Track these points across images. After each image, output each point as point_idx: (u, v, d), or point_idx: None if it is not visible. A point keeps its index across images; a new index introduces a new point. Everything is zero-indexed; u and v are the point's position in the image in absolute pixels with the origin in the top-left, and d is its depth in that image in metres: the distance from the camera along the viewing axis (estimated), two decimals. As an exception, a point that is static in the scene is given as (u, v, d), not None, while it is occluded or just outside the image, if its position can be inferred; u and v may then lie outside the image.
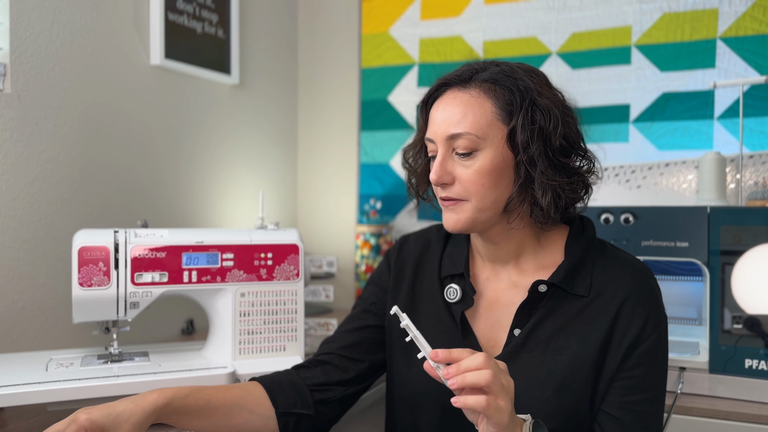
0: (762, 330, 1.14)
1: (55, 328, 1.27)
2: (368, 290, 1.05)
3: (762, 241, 1.15)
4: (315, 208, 2.11)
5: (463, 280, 0.94)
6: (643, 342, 0.85)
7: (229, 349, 1.06)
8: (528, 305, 0.88)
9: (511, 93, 0.84)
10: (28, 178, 1.22)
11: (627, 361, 0.84)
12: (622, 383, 0.84)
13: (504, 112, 0.85)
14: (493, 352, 0.90)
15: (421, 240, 1.03)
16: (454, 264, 0.96)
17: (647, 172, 1.66)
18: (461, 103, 0.86)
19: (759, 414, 1.08)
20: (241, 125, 1.83)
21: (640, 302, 0.86)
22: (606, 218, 1.30)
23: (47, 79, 1.25)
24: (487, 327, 0.92)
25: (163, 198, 1.56)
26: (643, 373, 0.84)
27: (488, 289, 0.94)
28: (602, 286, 0.87)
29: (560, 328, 0.86)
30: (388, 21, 1.99)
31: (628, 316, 0.85)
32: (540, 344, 0.86)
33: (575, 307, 0.87)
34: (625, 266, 0.89)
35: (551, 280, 0.87)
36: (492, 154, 0.84)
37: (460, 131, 0.84)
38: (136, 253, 1.00)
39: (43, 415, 1.01)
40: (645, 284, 0.88)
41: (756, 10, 1.55)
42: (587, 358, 0.84)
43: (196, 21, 1.63)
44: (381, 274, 1.05)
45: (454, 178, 0.86)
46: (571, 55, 1.75)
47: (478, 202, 0.85)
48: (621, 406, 0.84)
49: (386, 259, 1.06)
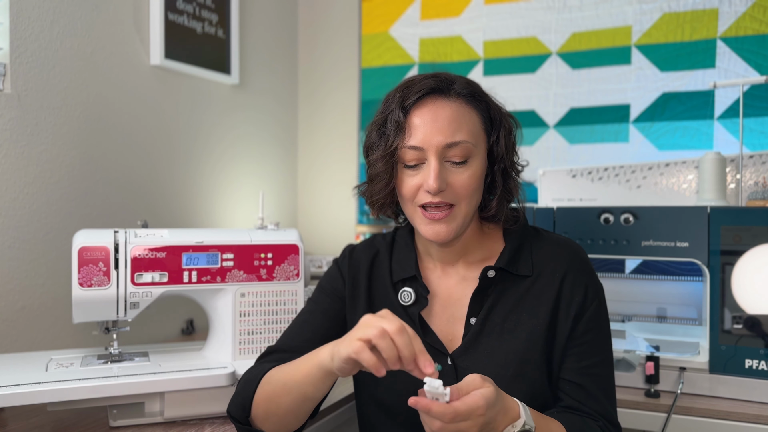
0: (762, 330, 1.14)
1: (55, 328, 1.27)
2: (319, 298, 1.02)
3: (762, 241, 1.15)
4: (315, 208, 2.11)
5: (416, 282, 0.97)
6: (588, 309, 0.92)
7: (229, 349, 1.06)
8: (480, 293, 0.92)
9: (488, 108, 0.92)
10: (28, 178, 1.22)
11: (576, 329, 0.91)
12: (576, 350, 0.91)
13: (486, 125, 0.91)
14: (453, 345, 0.93)
15: (369, 248, 1.04)
16: (403, 268, 0.98)
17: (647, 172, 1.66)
18: (454, 112, 0.88)
19: (759, 414, 1.08)
20: (240, 125, 1.83)
21: (579, 275, 0.93)
22: (606, 218, 1.30)
23: (47, 79, 1.25)
24: (443, 323, 0.95)
25: (163, 198, 1.56)
26: (593, 338, 0.92)
27: (440, 287, 0.97)
28: (543, 264, 0.94)
29: (511, 309, 0.92)
30: (388, 21, 1.99)
31: (570, 288, 0.92)
32: (496, 327, 0.91)
33: (522, 287, 0.93)
34: (559, 245, 0.96)
35: (497, 264, 0.93)
36: (480, 161, 0.90)
37: (458, 140, 0.86)
38: (136, 253, 1.00)
39: (43, 415, 1.01)
40: (580, 258, 0.96)
41: (756, 10, 1.55)
42: (540, 331, 0.90)
43: (196, 21, 1.63)
44: (333, 283, 1.02)
45: (447, 184, 0.87)
46: (571, 55, 1.75)
47: (466, 206, 0.89)
48: (579, 371, 0.90)
49: (336, 269, 1.04)
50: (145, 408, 0.99)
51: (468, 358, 0.90)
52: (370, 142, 0.94)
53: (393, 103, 0.90)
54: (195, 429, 0.98)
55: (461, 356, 0.91)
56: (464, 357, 0.91)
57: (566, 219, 1.33)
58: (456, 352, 0.91)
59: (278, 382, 0.87)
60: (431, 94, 0.88)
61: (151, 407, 0.99)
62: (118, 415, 0.99)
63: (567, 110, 1.76)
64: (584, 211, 1.31)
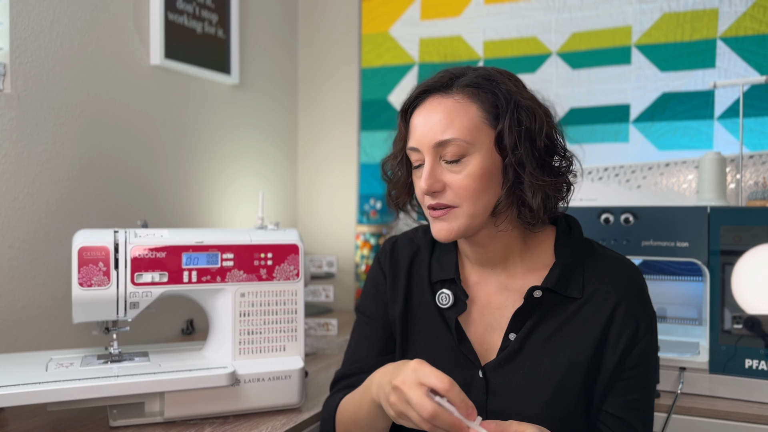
0: (762, 330, 1.14)
1: (55, 328, 1.27)
2: (372, 304, 1.03)
3: (762, 241, 1.15)
4: (315, 208, 2.11)
5: (455, 285, 0.93)
6: (639, 343, 0.86)
7: (229, 349, 1.06)
8: (524, 311, 0.88)
9: (495, 96, 0.84)
10: (27, 178, 1.22)
11: (625, 363, 0.86)
12: (623, 384, 0.86)
13: (490, 116, 0.84)
14: (488, 356, 0.90)
15: (410, 245, 1.02)
16: (443, 269, 0.95)
17: (647, 172, 1.66)
18: (446, 109, 0.84)
19: (759, 414, 1.08)
20: (241, 125, 1.83)
21: (634, 304, 0.87)
22: (606, 218, 1.30)
23: (47, 79, 1.25)
24: (479, 331, 0.92)
25: (163, 198, 1.56)
26: (642, 372, 0.86)
27: (479, 293, 0.94)
28: (594, 287, 0.88)
29: (555, 332, 0.87)
30: (388, 21, 1.99)
31: (622, 318, 0.86)
32: (536, 348, 0.87)
33: (569, 309, 0.87)
34: (615, 266, 0.90)
35: (545, 284, 0.87)
36: (481, 159, 0.83)
37: (448, 138, 0.83)
38: (136, 253, 1.00)
39: (43, 415, 1.01)
40: (636, 284, 0.89)
41: (756, 10, 1.55)
42: (583, 360, 0.85)
43: (196, 21, 1.63)
44: (378, 285, 1.02)
45: (445, 185, 0.85)
46: (571, 55, 1.75)
47: (469, 208, 0.84)
48: (624, 405, 0.86)
49: (378, 266, 1.03)
50: (145, 408, 0.99)
51: (501, 375, 0.87)
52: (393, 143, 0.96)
53: (404, 103, 0.91)
54: (195, 429, 0.98)
55: (494, 371, 0.88)
56: (497, 372, 0.88)
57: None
58: (490, 365, 0.88)
59: (349, 420, 0.91)
60: (432, 93, 0.87)
61: (151, 407, 0.99)
62: (118, 415, 0.99)
63: (567, 110, 1.76)
64: (584, 211, 1.31)
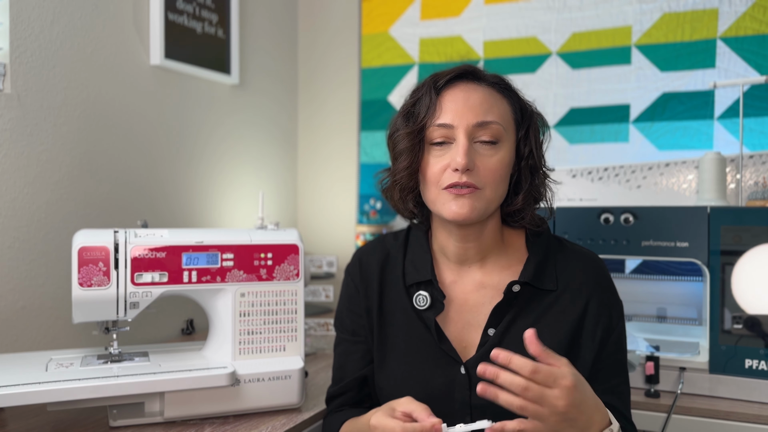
0: (762, 330, 1.14)
1: (55, 328, 1.27)
2: (347, 319, 1.03)
3: (762, 241, 1.15)
4: (315, 208, 2.11)
5: (431, 286, 0.94)
6: (614, 330, 0.92)
7: (229, 349, 1.06)
8: (502, 306, 0.90)
9: (519, 103, 0.92)
10: (27, 178, 1.22)
11: (604, 350, 0.90)
12: (604, 372, 0.90)
13: (516, 118, 0.91)
14: (467, 353, 0.91)
15: (378, 251, 1.02)
16: (418, 271, 0.96)
17: (647, 172, 1.66)
18: (485, 95, 0.89)
19: (759, 414, 1.08)
20: (241, 125, 1.83)
21: (605, 293, 0.92)
22: (606, 218, 1.30)
23: (47, 79, 1.25)
24: (458, 329, 0.93)
25: (163, 198, 1.56)
26: (619, 358, 0.92)
27: (455, 292, 0.95)
28: (567, 279, 0.92)
29: (533, 324, 0.89)
30: (388, 21, 1.99)
31: (596, 309, 0.90)
32: (515, 341, 0.88)
33: (545, 301, 0.91)
34: (584, 259, 0.94)
35: (522, 278, 0.90)
36: (508, 150, 0.89)
37: (490, 119, 0.87)
38: (136, 253, 1.00)
39: (43, 415, 1.01)
40: (605, 276, 0.94)
41: (756, 10, 1.55)
42: (560, 349, 0.88)
43: (196, 21, 1.63)
44: (351, 298, 1.03)
45: (475, 165, 0.86)
46: (571, 55, 1.75)
47: (491, 192, 0.87)
48: (608, 390, 0.89)
49: (349, 278, 1.04)
50: (145, 408, 0.99)
51: None
52: (395, 128, 0.94)
53: (424, 87, 0.92)
54: (195, 429, 0.98)
55: (477, 366, 0.89)
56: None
57: (566, 219, 1.33)
58: (471, 361, 0.89)
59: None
60: (464, 78, 0.90)
61: (151, 407, 0.99)
62: (118, 415, 0.99)
63: (567, 110, 1.76)
64: (584, 211, 1.31)
